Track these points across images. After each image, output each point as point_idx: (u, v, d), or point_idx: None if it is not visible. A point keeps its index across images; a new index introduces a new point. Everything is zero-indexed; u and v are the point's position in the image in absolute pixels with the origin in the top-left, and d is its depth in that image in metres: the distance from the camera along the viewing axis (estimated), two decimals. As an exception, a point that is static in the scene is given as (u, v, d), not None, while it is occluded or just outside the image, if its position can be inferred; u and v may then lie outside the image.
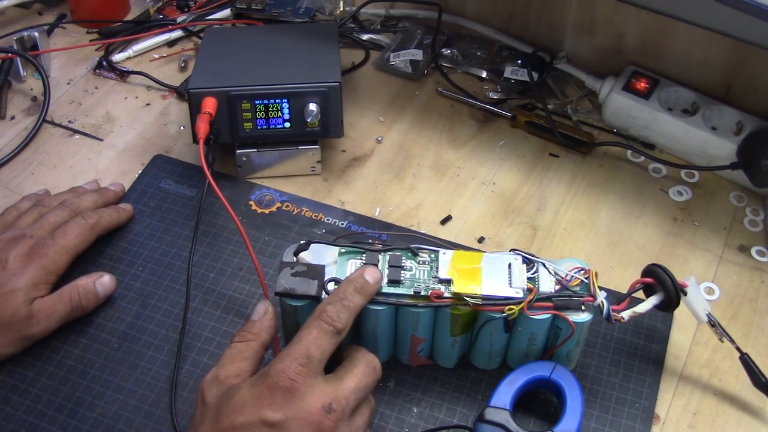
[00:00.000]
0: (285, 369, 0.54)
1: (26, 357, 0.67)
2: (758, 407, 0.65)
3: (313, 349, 0.56)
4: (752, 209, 0.80)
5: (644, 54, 0.87)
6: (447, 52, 0.95)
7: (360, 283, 0.59)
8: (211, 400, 0.56)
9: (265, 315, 0.62)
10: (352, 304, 0.58)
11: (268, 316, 0.62)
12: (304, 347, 0.55)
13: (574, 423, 0.60)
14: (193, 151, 0.84)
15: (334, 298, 0.58)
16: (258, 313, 0.62)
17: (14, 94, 0.91)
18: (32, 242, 0.68)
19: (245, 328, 0.61)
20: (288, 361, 0.55)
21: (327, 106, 0.76)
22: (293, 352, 0.55)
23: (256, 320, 0.61)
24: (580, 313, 0.60)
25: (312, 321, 0.57)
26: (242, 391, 0.55)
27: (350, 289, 0.59)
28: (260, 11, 0.96)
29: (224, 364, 0.58)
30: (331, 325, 0.57)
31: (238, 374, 0.57)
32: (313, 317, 0.57)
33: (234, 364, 0.58)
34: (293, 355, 0.55)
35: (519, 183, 0.82)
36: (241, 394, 0.55)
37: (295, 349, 0.55)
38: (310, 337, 0.56)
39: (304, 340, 0.56)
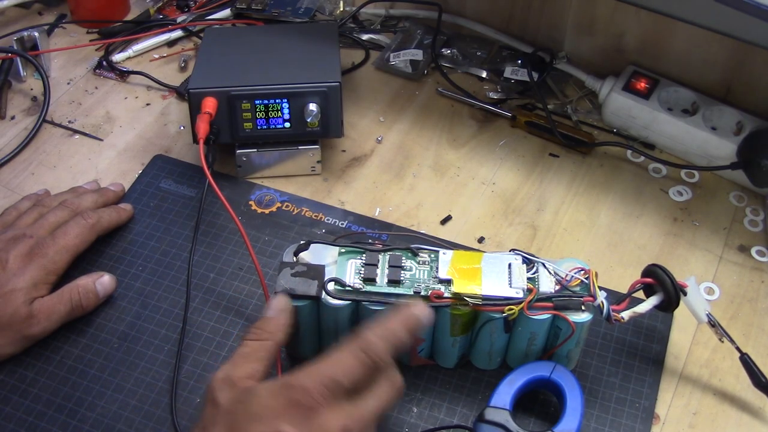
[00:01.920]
0: (310, 388, 0.52)
1: (26, 357, 0.67)
2: (758, 407, 0.65)
3: (343, 376, 0.53)
4: (752, 209, 0.80)
5: (644, 54, 0.87)
6: (447, 52, 0.95)
7: (412, 322, 0.56)
8: (225, 402, 0.54)
9: (282, 313, 0.59)
10: (399, 342, 0.55)
11: (285, 314, 0.59)
12: (335, 371, 0.53)
13: (574, 423, 0.60)
14: (193, 151, 0.84)
15: (381, 330, 0.55)
16: (273, 309, 0.59)
17: (14, 94, 0.91)
18: (32, 242, 0.68)
19: (260, 326, 0.59)
20: (314, 380, 0.52)
21: (327, 106, 0.76)
22: (322, 372, 0.53)
23: (272, 317, 0.59)
24: (580, 313, 0.60)
25: (351, 346, 0.54)
26: (261, 399, 0.52)
27: (400, 325, 0.56)
28: (260, 11, 0.96)
29: (237, 364, 0.56)
30: (370, 358, 0.54)
31: (251, 375, 0.55)
32: (354, 342, 0.54)
33: (247, 364, 0.56)
34: (321, 376, 0.52)
35: (519, 183, 0.82)
36: (260, 401, 0.52)
37: (324, 369, 0.53)
38: (344, 362, 0.53)
39: (338, 363, 0.53)
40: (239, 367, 0.56)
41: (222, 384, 0.55)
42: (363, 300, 0.60)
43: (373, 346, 0.54)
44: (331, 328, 0.63)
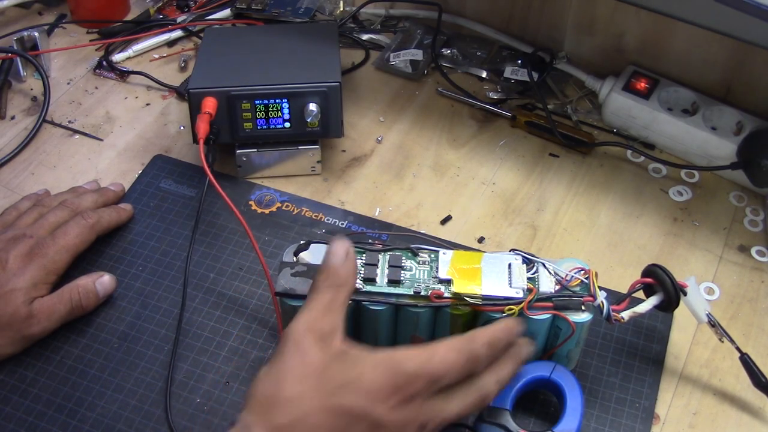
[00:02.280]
0: (417, 380, 0.51)
1: (26, 357, 0.67)
2: (758, 407, 0.65)
3: (447, 377, 0.53)
4: (752, 209, 0.80)
5: (644, 54, 0.87)
6: (447, 52, 0.95)
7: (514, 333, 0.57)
8: (318, 358, 0.52)
9: (348, 259, 0.56)
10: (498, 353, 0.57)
11: (351, 259, 0.57)
12: (443, 369, 0.53)
13: (574, 423, 0.60)
14: (193, 151, 0.84)
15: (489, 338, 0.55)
16: (338, 256, 0.56)
17: (14, 94, 0.91)
18: (32, 242, 0.68)
19: (330, 275, 0.55)
20: (424, 372, 0.52)
21: (327, 106, 0.76)
22: (432, 366, 0.52)
23: (342, 265, 0.56)
24: (580, 313, 0.60)
25: (463, 348, 0.54)
26: (363, 369, 0.51)
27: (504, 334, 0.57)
28: (260, 11, 0.96)
29: (320, 314, 0.54)
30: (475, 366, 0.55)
31: (335, 328, 0.53)
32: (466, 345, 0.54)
33: (330, 315, 0.54)
34: (430, 370, 0.52)
35: (519, 183, 0.82)
36: (362, 371, 0.51)
37: (435, 364, 0.52)
38: (452, 362, 0.53)
39: (447, 362, 0.53)
40: (322, 319, 0.54)
41: (309, 335, 0.53)
42: (363, 300, 0.60)
43: (481, 354, 0.55)
44: (331, 328, 0.63)
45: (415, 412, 0.52)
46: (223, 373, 0.66)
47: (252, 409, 0.51)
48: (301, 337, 0.53)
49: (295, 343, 0.53)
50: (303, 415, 0.50)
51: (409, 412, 0.52)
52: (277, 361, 0.53)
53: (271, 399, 0.51)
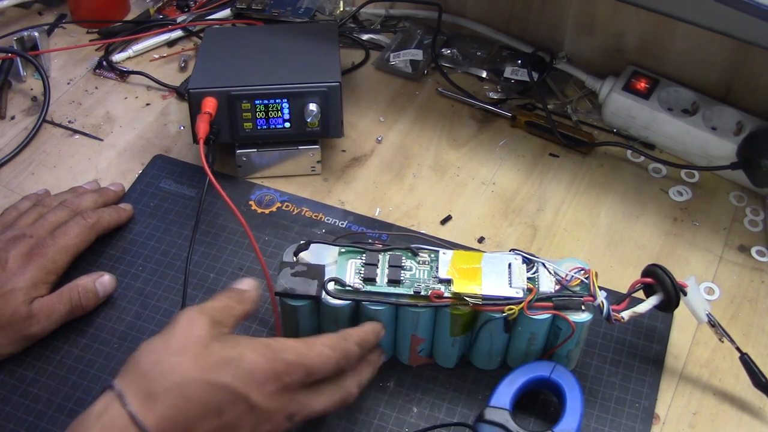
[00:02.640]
0: (293, 369, 0.54)
1: (26, 357, 0.67)
2: (758, 407, 0.65)
3: (321, 372, 0.56)
4: (752, 209, 0.80)
5: (644, 54, 0.87)
6: (447, 52, 0.95)
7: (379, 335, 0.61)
8: (201, 333, 0.53)
9: (254, 289, 0.60)
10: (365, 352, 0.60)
11: (255, 291, 0.60)
12: (317, 364, 0.55)
13: (574, 423, 0.60)
14: (193, 151, 0.84)
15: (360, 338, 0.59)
16: (245, 284, 0.60)
17: (14, 94, 0.91)
18: (32, 242, 0.68)
19: (234, 292, 0.59)
20: (299, 363, 0.54)
21: (327, 106, 0.76)
22: (309, 359, 0.55)
23: (248, 290, 0.59)
24: (580, 313, 0.60)
25: (338, 345, 0.57)
26: (243, 350, 0.53)
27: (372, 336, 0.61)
28: (260, 11, 0.96)
29: (217, 309, 0.56)
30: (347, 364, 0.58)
31: (226, 323, 0.56)
32: (340, 343, 0.57)
33: (224, 313, 0.56)
34: (306, 363, 0.55)
35: (519, 183, 0.82)
36: (242, 351, 0.53)
37: (311, 357, 0.55)
38: (327, 359, 0.56)
39: (322, 357, 0.55)
40: (218, 312, 0.56)
41: (203, 317, 0.55)
42: (363, 300, 0.60)
43: (352, 353, 0.58)
44: (331, 328, 0.62)
45: (287, 400, 0.54)
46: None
47: (126, 376, 0.52)
48: (194, 315, 0.54)
49: (187, 319, 0.54)
50: (180, 383, 0.51)
51: (282, 400, 0.54)
52: (163, 333, 0.54)
53: (149, 366, 0.52)
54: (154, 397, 0.50)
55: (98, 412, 0.51)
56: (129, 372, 0.52)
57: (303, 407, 0.55)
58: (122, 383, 0.51)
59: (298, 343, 0.55)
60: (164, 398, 0.50)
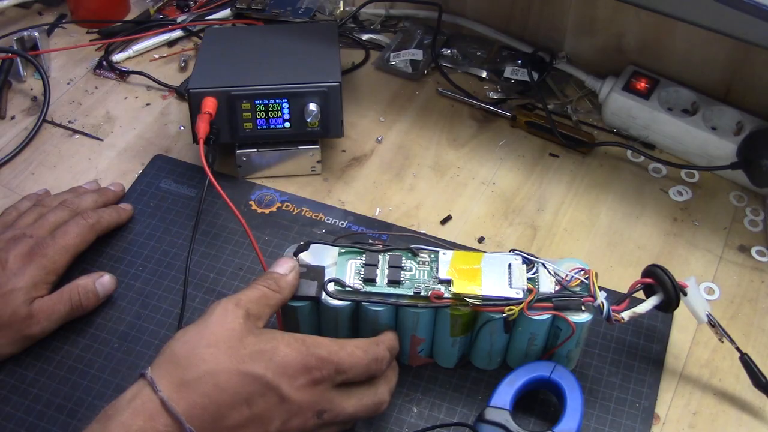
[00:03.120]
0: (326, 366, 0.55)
1: (26, 357, 0.67)
2: (758, 407, 0.65)
3: (352, 374, 0.56)
4: (752, 209, 0.80)
5: (644, 54, 0.87)
6: (447, 52, 0.95)
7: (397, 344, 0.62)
8: (235, 325, 0.54)
9: (292, 272, 0.60)
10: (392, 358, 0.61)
11: (294, 274, 0.60)
12: (350, 365, 0.56)
13: (574, 423, 0.60)
14: (193, 151, 0.84)
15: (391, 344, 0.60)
16: (283, 268, 0.60)
17: (14, 94, 0.91)
18: (32, 242, 0.68)
19: (272, 278, 0.59)
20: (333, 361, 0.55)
21: (327, 106, 0.76)
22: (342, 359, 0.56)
23: (284, 275, 0.59)
24: (580, 313, 0.60)
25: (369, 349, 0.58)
26: (278, 345, 0.54)
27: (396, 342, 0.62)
28: (260, 11, 0.96)
29: (252, 301, 0.57)
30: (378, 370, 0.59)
31: (260, 316, 0.56)
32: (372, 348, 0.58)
33: (259, 305, 0.57)
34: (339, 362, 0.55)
35: (519, 183, 0.82)
36: (276, 346, 0.54)
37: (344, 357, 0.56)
38: (359, 362, 0.57)
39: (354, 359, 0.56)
40: (253, 304, 0.56)
41: (238, 309, 0.55)
42: (363, 300, 0.60)
43: (383, 358, 0.58)
44: (331, 329, 0.63)
45: (318, 396, 0.55)
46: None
47: (159, 364, 0.53)
48: (229, 307, 0.55)
49: (222, 311, 0.55)
50: (212, 372, 0.52)
51: (312, 395, 0.54)
52: (198, 323, 0.55)
53: (182, 356, 0.53)
54: (186, 384, 0.52)
55: (130, 397, 0.52)
56: (162, 360, 0.53)
57: (333, 405, 0.56)
58: (155, 371, 0.53)
59: (330, 342, 0.56)
60: (196, 386, 0.52)
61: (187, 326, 0.55)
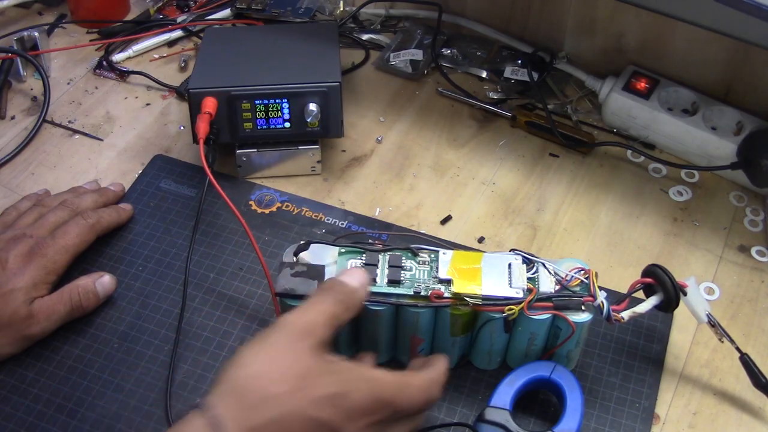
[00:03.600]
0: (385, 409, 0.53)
1: (26, 357, 0.67)
2: (758, 407, 0.65)
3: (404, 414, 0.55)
4: (752, 209, 0.80)
5: (644, 54, 0.87)
6: (447, 52, 0.95)
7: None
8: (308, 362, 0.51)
9: (363, 288, 0.57)
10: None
11: (365, 290, 0.58)
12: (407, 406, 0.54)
13: (574, 423, 0.60)
14: (193, 151, 0.84)
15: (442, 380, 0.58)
16: (356, 280, 0.57)
17: (14, 94, 0.91)
18: (32, 242, 0.68)
19: (343, 293, 0.56)
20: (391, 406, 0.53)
21: (327, 106, 0.76)
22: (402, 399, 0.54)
23: (358, 289, 0.57)
24: (580, 313, 0.60)
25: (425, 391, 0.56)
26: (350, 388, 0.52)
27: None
28: (260, 11, 0.96)
29: (323, 322, 0.54)
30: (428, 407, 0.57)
31: (328, 340, 0.54)
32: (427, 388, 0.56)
33: (329, 327, 0.54)
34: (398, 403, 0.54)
35: (519, 183, 0.82)
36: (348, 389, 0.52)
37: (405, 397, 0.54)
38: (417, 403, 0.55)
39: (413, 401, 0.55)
40: (323, 328, 0.53)
41: (309, 338, 0.52)
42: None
43: (435, 400, 0.57)
44: (331, 328, 0.63)
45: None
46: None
47: (226, 399, 0.49)
48: (300, 336, 0.52)
49: (292, 339, 0.52)
50: (281, 417, 0.49)
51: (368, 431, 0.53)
52: (266, 349, 0.52)
53: (252, 391, 0.50)
54: (255, 430, 0.49)
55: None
56: (229, 395, 0.50)
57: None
58: (222, 408, 0.49)
59: (394, 382, 0.54)
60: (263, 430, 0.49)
61: (252, 348, 0.52)
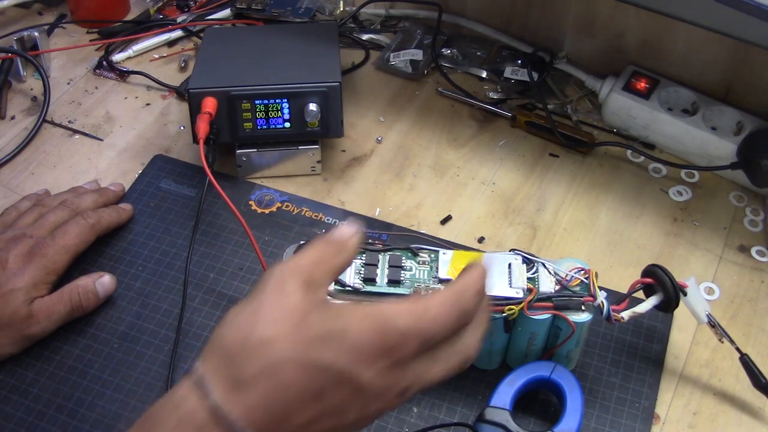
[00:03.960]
0: (408, 342, 0.44)
1: (26, 357, 0.67)
2: (758, 407, 0.65)
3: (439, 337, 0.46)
4: (752, 209, 0.80)
5: (644, 54, 0.87)
6: (447, 52, 0.95)
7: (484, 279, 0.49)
8: (296, 300, 0.45)
9: (356, 234, 0.49)
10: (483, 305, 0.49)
11: (357, 238, 0.49)
12: (435, 330, 0.45)
13: (574, 423, 0.60)
14: (193, 151, 0.84)
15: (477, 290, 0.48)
16: (348, 230, 0.49)
17: (14, 94, 0.91)
18: (32, 242, 0.68)
19: (335, 238, 0.48)
20: (414, 332, 0.44)
21: (327, 106, 0.76)
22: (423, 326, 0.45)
23: (348, 236, 0.48)
24: (580, 313, 0.60)
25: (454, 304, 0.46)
26: (348, 323, 0.44)
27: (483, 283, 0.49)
28: (260, 11, 0.96)
29: (312, 263, 0.47)
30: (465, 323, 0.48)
31: (323, 281, 0.47)
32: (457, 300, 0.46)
33: (321, 267, 0.47)
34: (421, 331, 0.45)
35: (519, 183, 0.82)
36: (346, 325, 0.44)
37: (426, 323, 0.45)
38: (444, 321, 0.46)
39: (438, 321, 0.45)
40: (313, 268, 0.47)
41: (296, 277, 0.46)
42: (363, 300, 0.60)
43: (472, 308, 0.47)
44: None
45: (400, 376, 0.45)
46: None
47: (210, 357, 0.45)
48: (285, 277, 0.46)
49: (278, 282, 0.46)
50: (273, 365, 0.43)
51: (394, 376, 0.45)
52: (251, 301, 0.46)
53: (235, 346, 0.44)
54: (243, 384, 0.43)
55: (177, 402, 0.43)
56: (212, 352, 0.45)
57: (418, 379, 0.46)
58: (205, 366, 0.44)
59: (411, 305, 0.45)
60: (254, 384, 0.43)
61: (239, 304, 0.46)
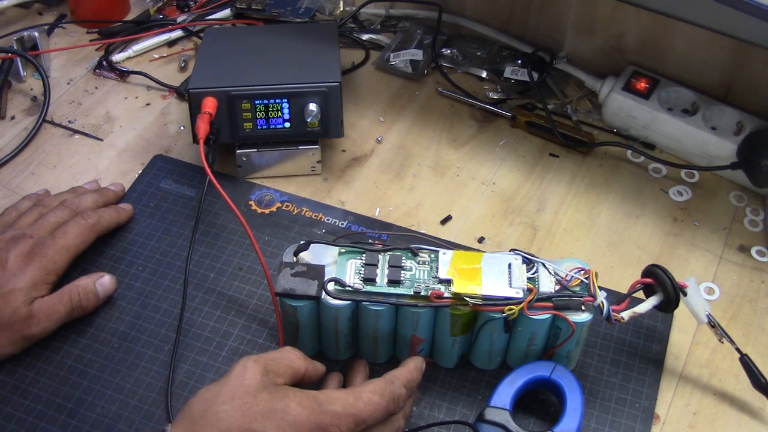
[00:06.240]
0: (341, 424, 0.53)
1: (26, 357, 0.67)
2: (758, 407, 0.65)
3: (371, 420, 0.55)
4: (752, 209, 0.80)
5: (644, 54, 0.87)
6: (447, 52, 0.95)
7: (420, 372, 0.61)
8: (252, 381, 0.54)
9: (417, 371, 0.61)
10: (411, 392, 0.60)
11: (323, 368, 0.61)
12: (367, 414, 0.55)
13: (574, 423, 0.60)
14: (193, 151, 0.84)
15: (406, 380, 0.59)
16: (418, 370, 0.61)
17: (14, 94, 0.91)
18: (32, 242, 0.68)
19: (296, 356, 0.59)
20: (347, 417, 0.54)
21: (327, 106, 0.76)
22: (357, 411, 0.54)
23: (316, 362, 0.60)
24: (580, 313, 0.60)
25: (386, 391, 0.56)
26: (289, 403, 0.53)
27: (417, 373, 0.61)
28: (260, 11, 0.96)
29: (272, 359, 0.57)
30: (395, 409, 0.57)
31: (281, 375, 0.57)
32: (388, 388, 0.57)
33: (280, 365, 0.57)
34: (354, 416, 0.54)
35: (519, 183, 0.82)
36: (287, 404, 0.53)
37: (359, 408, 0.54)
38: (376, 407, 0.55)
39: (370, 406, 0.55)
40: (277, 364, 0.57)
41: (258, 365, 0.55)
42: (363, 300, 0.60)
43: (401, 396, 0.57)
44: (331, 328, 0.63)
45: None
46: (223, 373, 0.66)
47: (180, 422, 0.54)
48: (249, 365, 0.55)
49: (242, 368, 0.55)
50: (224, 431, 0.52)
51: None
52: (220, 380, 0.55)
53: (199, 413, 0.53)
54: None
55: None
56: (183, 419, 0.54)
57: None
58: (174, 429, 0.53)
59: (345, 394, 0.55)
60: None
61: (210, 384, 0.55)
